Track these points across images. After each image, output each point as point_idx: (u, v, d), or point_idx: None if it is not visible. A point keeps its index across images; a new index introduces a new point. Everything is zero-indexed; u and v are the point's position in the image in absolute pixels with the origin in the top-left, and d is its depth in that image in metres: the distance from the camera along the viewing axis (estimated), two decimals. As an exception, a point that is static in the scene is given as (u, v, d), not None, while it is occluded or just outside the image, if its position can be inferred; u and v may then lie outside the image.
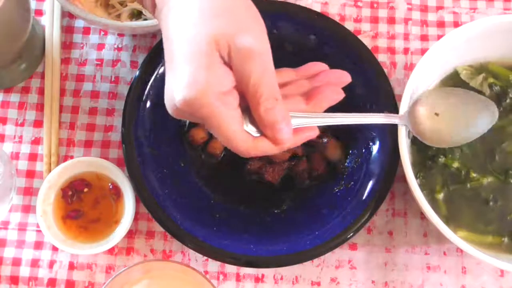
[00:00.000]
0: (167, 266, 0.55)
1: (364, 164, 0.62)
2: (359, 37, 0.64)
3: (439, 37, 0.71)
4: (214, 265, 0.63)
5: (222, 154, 0.65)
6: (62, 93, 0.69)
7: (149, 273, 0.55)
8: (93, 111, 0.68)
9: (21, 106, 0.69)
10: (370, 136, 0.62)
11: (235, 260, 0.58)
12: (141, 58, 0.70)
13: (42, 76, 0.70)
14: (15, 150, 0.67)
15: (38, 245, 0.64)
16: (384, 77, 0.62)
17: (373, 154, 0.62)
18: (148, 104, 0.62)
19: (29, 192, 0.66)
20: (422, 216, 0.64)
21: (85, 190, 0.64)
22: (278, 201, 0.64)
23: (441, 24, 0.72)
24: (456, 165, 0.59)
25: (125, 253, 0.64)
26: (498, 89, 0.62)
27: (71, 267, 0.63)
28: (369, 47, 0.64)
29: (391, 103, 0.61)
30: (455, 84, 0.62)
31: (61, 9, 0.71)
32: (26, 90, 0.69)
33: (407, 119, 0.55)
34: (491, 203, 0.58)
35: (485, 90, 0.62)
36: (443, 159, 0.60)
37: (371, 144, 0.62)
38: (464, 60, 0.63)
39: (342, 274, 0.63)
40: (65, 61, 0.70)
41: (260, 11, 0.46)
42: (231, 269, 0.63)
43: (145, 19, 0.68)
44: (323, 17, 0.65)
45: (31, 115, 0.68)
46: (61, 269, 0.63)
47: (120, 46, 0.71)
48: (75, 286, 0.63)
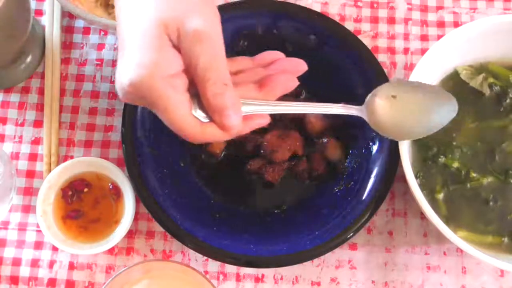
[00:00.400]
0: (167, 266, 0.55)
1: (364, 164, 0.62)
2: (359, 37, 0.64)
3: (439, 37, 0.71)
4: (214, 265, 0.63)
5: (222, 154, 0.65)
6: (62, 93, 0.69)
7: (149, 273, 0.55)
8: (93, 111, 0.68)
9: (21, 106, 0.69)
10: (370, 136, 0.62)
11: (235, 260, 0.58)
12: (141, 58, 0.70)
13: (42, 76, 0.70)
14: (15, 150, 0.67)
15: (38, 245, 0.64)
16: (384, 77, 0.62)
17: (373, 154, 0.61)
18: (148, 104, 0.62)
19: (29, 192, 0.66)
20: (422, 216, 0.64)
21: (85, 190, 0.64)
22: (278, 201, 0.64)
23: (441, 24, 0.72)
24: (456, 165, 0.59)
25: (125, 253, 0.64)
26: (498, 89, 0.62)
27: (71, 267, 0.63)
28: (369, 47, 0.64)
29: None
30: (455, 84, 0.62)
31: (61, 9, 0.71)
32: (26, 90, 0.69)
33: (365, 110, 0.54)
34: (491, 203, 0.58)
35: (485, 90, 0.62)
36: (443, 159, 0.59)
37: (371, 144, 0.62)
38: (464, 60, 0.63)
39: (342, 274, 0.63)
40: (65, 61, 0.70)
41: (261, 11, 0.46)
42: (231, 269, 0.63)
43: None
44: (323, 17, 0.65)
45: (31, 115, 0.68)
46: (61, 269, 0.63)
47: (120, 46, 0.71)
48: (75, 286, 0.63)
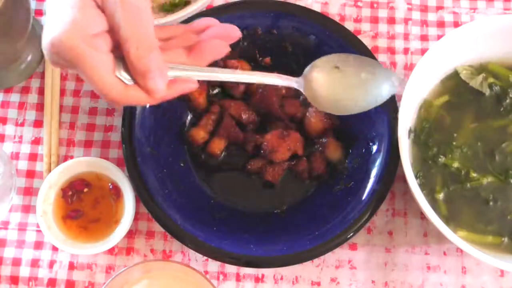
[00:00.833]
0: (167, 266, 0.55)
1: (364, 164, 0.62)
2: (359, 37, 0.64)
3: (439, 37, 0.71)
4: (214, 265, 0.63)
5: (222, 154, 0.65)
6: (62, 93, 0.69)
7: (149, 273, 0.55)
8: (93, 111, 0.68)
9: (21, 106, 0.69)
10: (370, 136, 0.62)
11: (235, 260, 0.58)
12: (141, 58, 0.70)
13: (42, 76, 0.69)
14: (15, 150, 0.67)
15: (38, 245, 0.64)
16: (384, 77, 0.62)
17: (373, 154, 0.61)
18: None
19: (29, 192, 0.66)
20: (422, 216, 0.64)
21: (85, 190, 0.64)
22: (278, 201, 0.64)
23: (441, 24, 0.72)
24: (456, 165, 0.59)
25: (125, 253, 0.64)
26: (498, 89, 0.62)
27: (71, 267, 0.63)
28: (369, 47, 0.64)
29: (391, 103, 0.61)
30: (455, 84, 0.62)
31: (61, 9, 0.71)
32: (26, 90, 0.69)
33: (302, 82, 0.53)
34: (491, 203, 0.58)
35: (485, 90, 0.62)
36: (443, 159, 0.59)
37: (371, 144, 0.62)
38: (464, 60, 0.63)
39: (342, 274, 0.63)
40: (65, 61, 0.70)
41: (261, 11, 0.46)
42: (231, 269, 0.63)
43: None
44: (323, 17, 0.65)
45: (31, 115, 0.68)
46: (61, 269, 0.63)
47: (120, 46, 0.71)
48: (75, 286, 0.63)
